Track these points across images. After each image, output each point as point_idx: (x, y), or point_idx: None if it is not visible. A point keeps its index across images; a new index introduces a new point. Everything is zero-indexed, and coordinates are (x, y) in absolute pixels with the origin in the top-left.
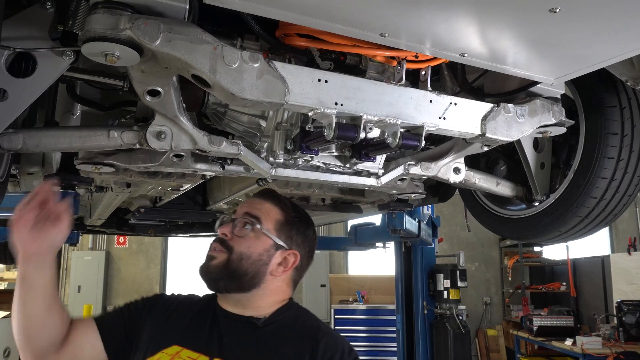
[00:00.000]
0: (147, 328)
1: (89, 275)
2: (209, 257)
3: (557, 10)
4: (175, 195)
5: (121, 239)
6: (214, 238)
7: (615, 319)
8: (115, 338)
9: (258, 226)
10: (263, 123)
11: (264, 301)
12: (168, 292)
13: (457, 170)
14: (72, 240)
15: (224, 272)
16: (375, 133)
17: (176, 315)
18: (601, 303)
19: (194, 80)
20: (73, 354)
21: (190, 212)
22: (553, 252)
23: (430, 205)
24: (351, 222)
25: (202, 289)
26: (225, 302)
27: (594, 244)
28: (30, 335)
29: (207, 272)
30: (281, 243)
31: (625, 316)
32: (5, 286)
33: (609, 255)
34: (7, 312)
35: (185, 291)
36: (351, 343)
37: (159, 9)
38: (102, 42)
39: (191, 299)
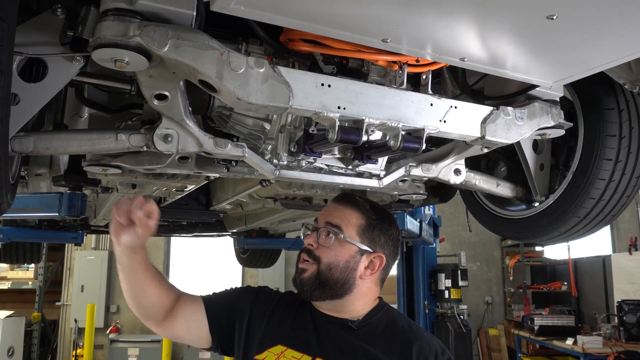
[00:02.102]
0: (250, 321)
1: (92, 274)
2: (300, 270)
3: (555, 17)
4: (180, 196)
5: None
6: (302, 248)
7: (616, 318)
8: (219, 321)
9: (341, 235)
10: (267, 126)
11: (357, 304)
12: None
13: (457, 172)
14: (77, 241)
15: (316, 283)
16: (377, 135)
17: (278, 314)
18: (602, 302)
19: (201, 85)
20: (179, 328)
21: (194, 212)
22: (554, 251)
23: (431, 205)
24: None
25: (207, 287)
26: (320, 305)
27: (595, 244)
28: (135, 301)
29: (301, 284)
30: (365, 247)
31: (626, 315)
32: (9, 285)
33: (610, 255)
34: (11, 312)
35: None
36: None
37: (167, 16)
38: (112, 49)
39: (289, 298)
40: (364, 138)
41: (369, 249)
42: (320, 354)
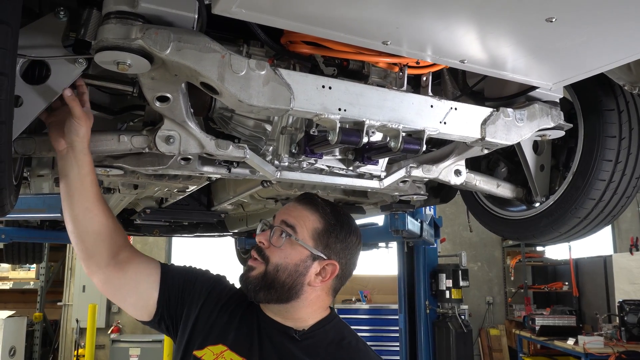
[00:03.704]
0: (200, 311)
1: None
2: (248, 268)
3: (554, 20)
4: (181, 197)
5: None
6: (253, 245)
7: (617, 318)
8: (170, 297)
9: (293, 237)
10: (268, 127)
11: (303, 312)
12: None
13: (458, 173)
14: None
15: (262, 284)
16: (377, 136)
17: (227, 312)
18: (603, 303)
19: (203, 87)
20: (126, 284)
21: (195, 213)
22: (555, 251)
23: (432, 206)
24: None
25: None
26: (267, 309)
27: (597, 244)
28: (78, 228)
29: (247, 283)
30: (318, 253)
31: (627, 316)
32: (11, 286)
33: (611, 255)
34: (13, 312)
35: None
36: None
37: (169, 18)
38: (115, 51)
39: (239, 295)
40: (365, 139)
41: (322, 255)
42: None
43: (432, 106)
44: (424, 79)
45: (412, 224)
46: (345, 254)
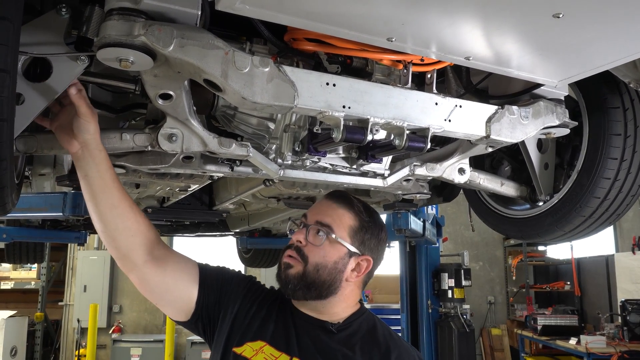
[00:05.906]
0: (238, 312)
1: (94, 275)
2: (286, 265)
3: (561, 16)
4: (183, 196)
5: None
6: (287, 244)
7: (619, 318)
8: (209, 296)
9: (333, 235)
10: (272, 125)
11: (339, 307)
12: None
13: (461, 171)
14: (80, 240)
15: (301, 283)
16: (381, 134)
17: (263, 310)
18: (605, 302)
19: (206, 84)
20: (165, 282)
21: (197, 212)
22: (557, 251)
23: (434, 205)
24: None
25: None
26: (301, 305)
27: (599, 243)
28: (108, 226)
29: (286, 281)
30: (355, 250)
31: (630, 315)
32: (12, 285)
33: (613, 255)
34: (14, 312)
35: None
36: None
37: (172, 15)
38: (117, 48)
39: (272, 294)
40: (369, 137)
41: (358, 252)
42: (298, 354)
43: (436, 104)
44: (429, 76)
45: (415, 223)
46: (377, 249)
